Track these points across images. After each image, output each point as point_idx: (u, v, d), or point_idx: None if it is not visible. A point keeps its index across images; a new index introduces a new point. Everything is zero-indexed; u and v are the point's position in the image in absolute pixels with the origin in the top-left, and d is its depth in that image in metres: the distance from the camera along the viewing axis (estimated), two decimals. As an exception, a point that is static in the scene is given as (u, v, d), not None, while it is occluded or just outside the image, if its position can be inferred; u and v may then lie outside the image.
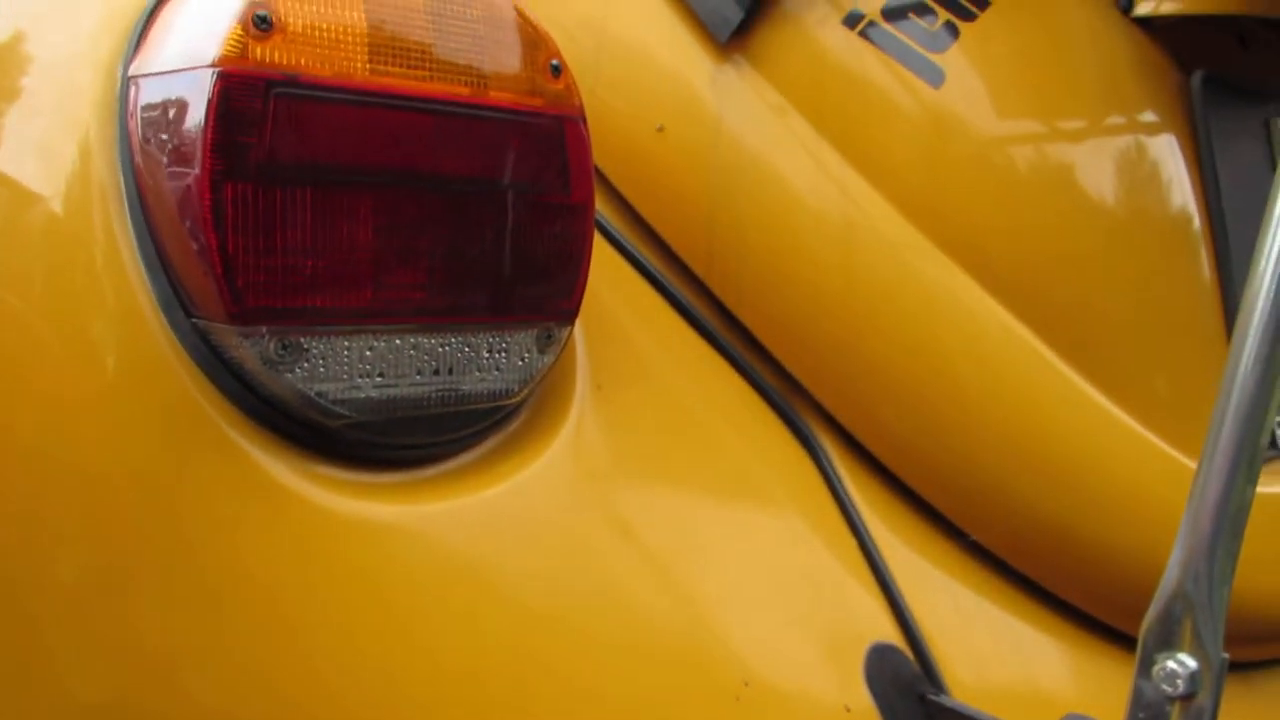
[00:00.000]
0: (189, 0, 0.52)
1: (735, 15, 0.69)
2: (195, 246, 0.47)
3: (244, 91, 0.46)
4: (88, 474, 0.48)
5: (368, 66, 0.49)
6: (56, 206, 0.51)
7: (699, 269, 0.69)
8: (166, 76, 0.49)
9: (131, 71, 0.52)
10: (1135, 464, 0.68)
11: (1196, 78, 0.76)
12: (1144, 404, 0.70)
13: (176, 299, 0.50)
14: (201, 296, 0.48)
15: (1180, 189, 0.75)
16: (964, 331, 0.68)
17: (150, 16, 0.55)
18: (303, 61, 0.47)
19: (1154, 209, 0.74)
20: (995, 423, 0.68)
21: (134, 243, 0.51)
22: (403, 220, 0.50)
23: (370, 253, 0.49)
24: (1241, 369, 0.47)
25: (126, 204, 0.51)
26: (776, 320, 0.69)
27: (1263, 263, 0.48)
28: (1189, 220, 0.75)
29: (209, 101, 0.45)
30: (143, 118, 0.50)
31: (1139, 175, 0.74)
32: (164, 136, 0.48)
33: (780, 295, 0.68)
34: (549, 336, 0.56)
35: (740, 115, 0.69)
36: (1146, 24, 0.76)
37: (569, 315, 0.57)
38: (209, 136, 0.45)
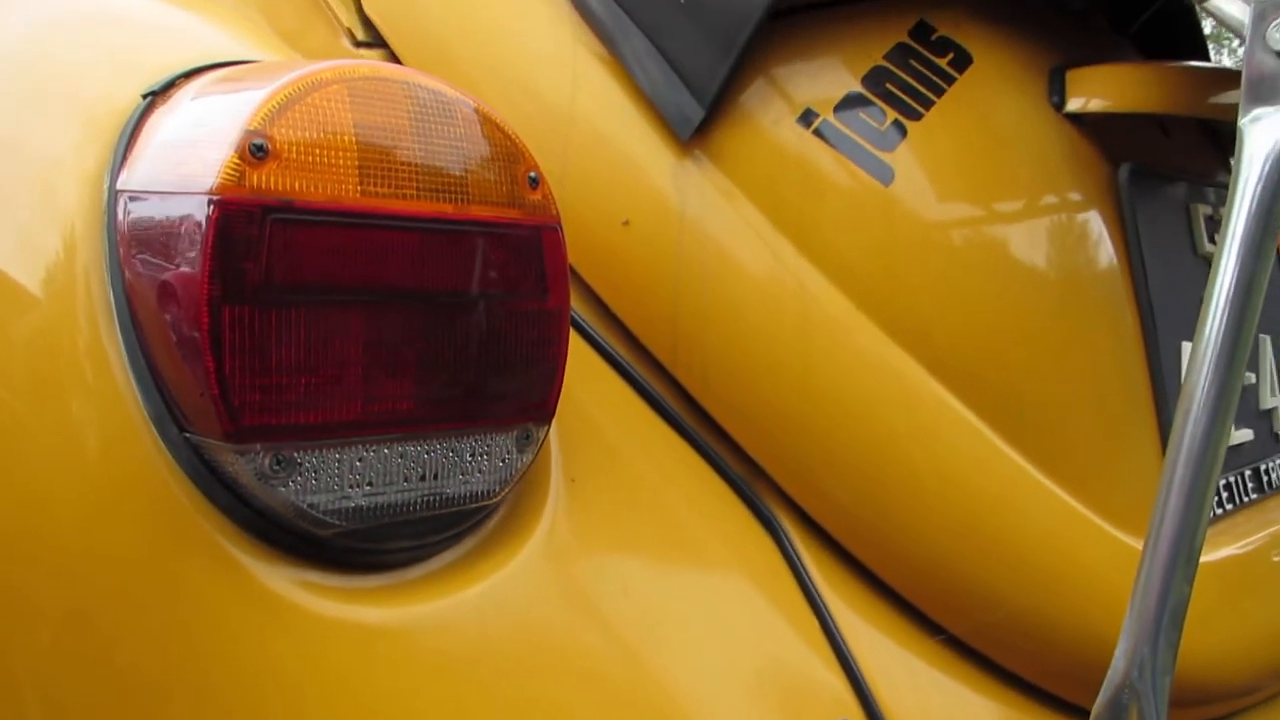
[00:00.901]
0: (178, 117, 0.54)
1: (696, 114, 0.72)
2: (191, 367, 0.48)
3: (241, 219, 0.47)
4: (82, 588, 0.49)
5: (358, 188, 0.50)
6: (43, 320, 0.52)
7: (664, 358, 0.72)
8: (159, 197, 0.50)
9: (120, 185, 0.54)
10: (1074, 540, 0.72)
11: (1124, 169, 0.82)
12: (1081, 483, 0.74)
13: (169, 413, 0.51)
14: (196, 414, 0.49)
15: (1111, 276, 0.80)
16: (913, 416, 0.71)
17: (136, 127, 0.56)
18: (296, 186, 0.49)
19: (1087, 296, 0.79)
20: (942, 503, 0.71)
21: (124, 357, 0.51)
22: (391, 334, 0.52)
23: (361, 367, 0.51)
24: (1178, 476, 0.51)
25: (116, 318, 0.52)
26: (738, 407, 0.71)
27: (1196, 376, 0.52)
28: (1120, 305, 0.80)
29: (208, 229, 0.47)
30: (133, 235, 0.51)
31: (1073, 264, 0.78)
32: (158, 258, 0.49)
33: (741, 383, 0.71)
34: (528, 436, 0.58)
35: (702, 209, 0.72)
36: (1078, 119, 0.81)
37: (547, 415, 0.59)
38: (207, 263, 0.46)
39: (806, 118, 0.73)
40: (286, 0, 0.81)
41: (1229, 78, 0.82)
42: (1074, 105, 0.81)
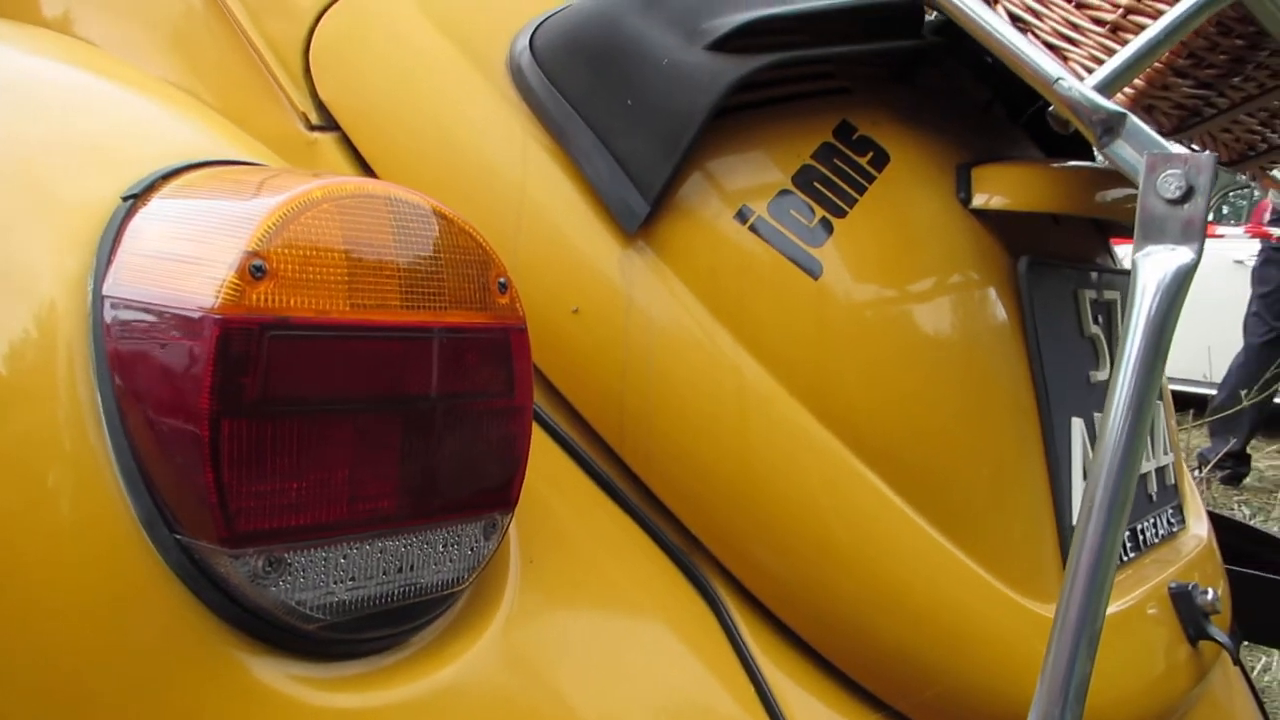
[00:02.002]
0: (166, 228, 0.56)
1: (642, 209, 0.77)
2: (188, 476, 0.50)
3: (241, 337, 0.50)
4: (75, 687, 0.50)
5: (347, 302, 0.54)
6: (29, 423, 0.54)
7: (611, 439, 0.76)
8: (153, 309, 0.52)
9: (106, 291, 0.55)
10: (985, 609, 0.79)
11: (1023, 261, 0.90)
12: (986, 550, 0.81)
13: (159, 516, 0.53)
14: (190, 520, 0.51)
15: (1012, 359, 0.88)
16: (836, 493, 0.77)
17: (118, 231, 0.58)
18: (292, 302, 0.52)
19: (992, 378, 0.86)
20: (862, 574, 0.77)
21: (113, 460, 0.53)
22: (375, 438, 0.55)
23: (347, 470, 0.54)
24: (1081, 569, 0.58)
25: (104, 422, 0.54)
26: (680, 485, 0.76)
27: (1095, 482, 0.59)
28: (1019, 385, 0.88)
29: (209, 348, 0.49)
30: (123, 343, 0.53)
31: (979, 350, 0.86)
32: (152, 369, 0.52)
33: (683, 464, 0.76)
34: (494, 525, 0.62)
35: (647, 299, 0.76)
36: (981, 214, 0.89)
37: (511, 504, 0.63)
38: (209, 380, 0.49)
39: (743, 214, 0.79)
40: (241, 83, 0.83)
41: (1115, 177, 0.91)
42: (978, 202, 0.89)
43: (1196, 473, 3.67)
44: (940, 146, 0.90)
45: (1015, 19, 0.81)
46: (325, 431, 0.53)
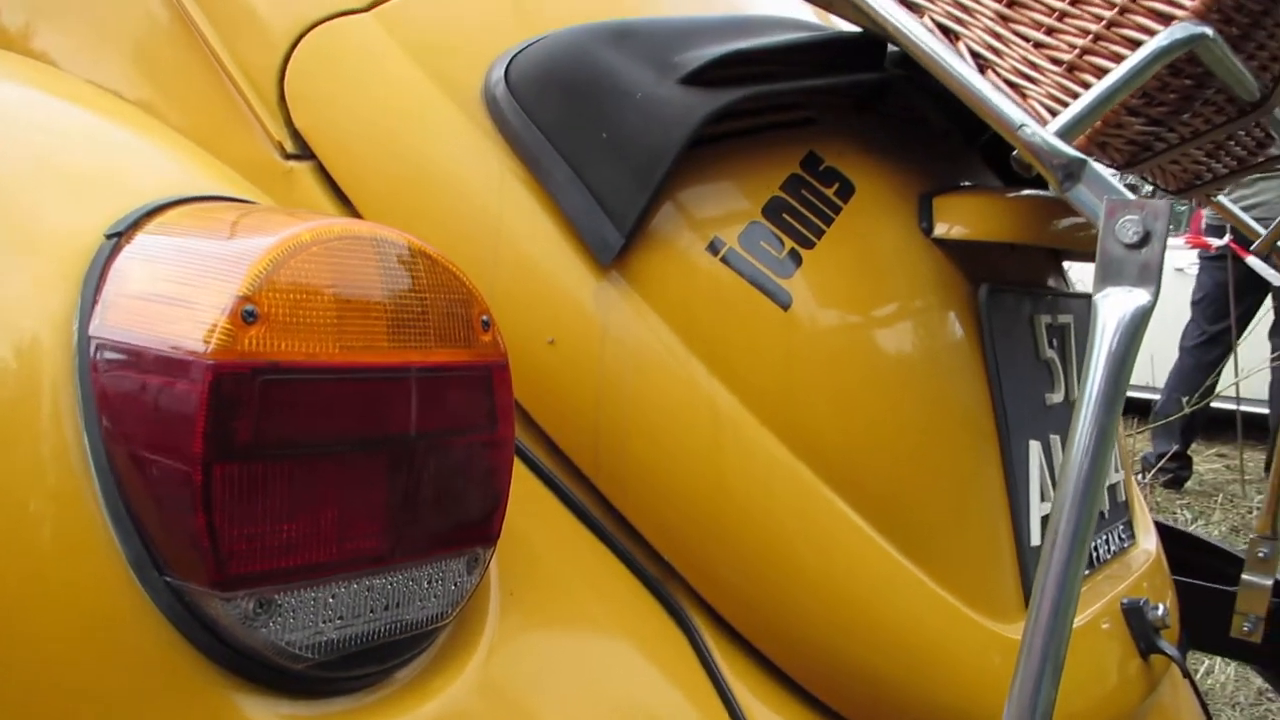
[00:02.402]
0: (154, 270, 0.56)
1: (617, 241, 0.78)
2: (180, 520, 0.51)
3: (234, 381, 0.50)
4: (63, 733, 0.51)
5: (337, 344, 0.54)
6: (15, 465, 0.54)
7: (586, 468, 0.78)
8: (143, 352, 0.53)
9: (93, 332, 0.56)
10: (947, 630, 0.81)
11: (983, 289, 0.92)
12: (953, 576, 0.84)
13: (149, 558, 0.53)
14: (180, 562, 0.52)
15: (973, 384, 0.90)
16: (805, 520, 0.79)
17: (103, 270, 0.58)
18: (282, 346, 0.52)
19: (954, 403, 0.89)
20: (831, 599, 0.79)
21: (101, 502, 0.54)
22: (363, 478, 0.56)
23: (336, 510, 0.55)
24: (1045, 599, 0.60)
25: (92, 464, 0.54)
26: (655, 513, 0.78)
27: (1058, 514, 0.61)
28: (980, 409, 0.91)
29: (202, 392, 0.50)
30: (111, 386, 0.54)
31: (942, 376, 0.88)
32: (142, 412, 0.52)
33: (657, 492, 0.77)
34: (476, 559, 0.63)
35: (622, 330, 0.78)
36: (943, 243, 0.91)
37: (493, 538, 0.64)
38: (202, 425, 0.50)
39: (714, 246, 0.81)
40: (216, 111, 0.83)
41: (1070, 208, 0.94)
42: (940, 231, 0.91)
43: (1140, 477, 3.76)
44: (903, 176, 0.93)
45: (977, 56, 0.83)
46: (315, 473, 0.53)
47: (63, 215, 0.61)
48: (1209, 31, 0.69)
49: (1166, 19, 0.75)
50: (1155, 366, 4.17)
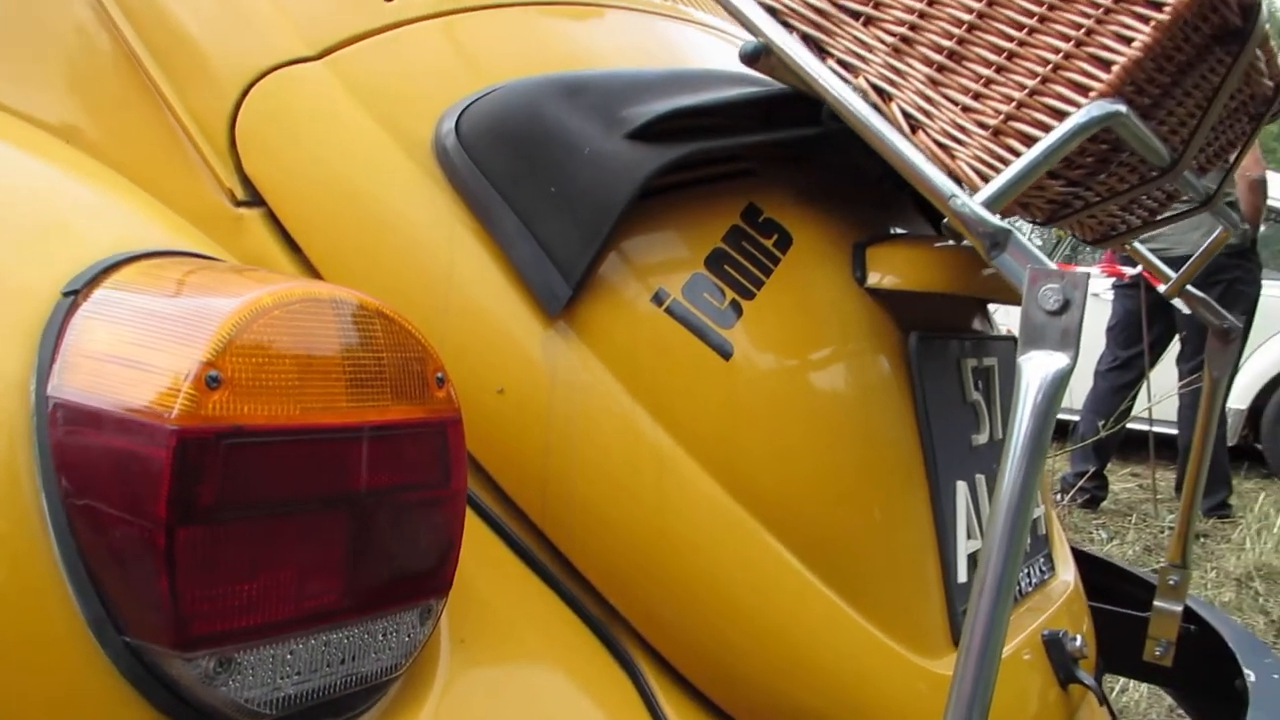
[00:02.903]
0: (116, 332, 0.57)
1: (565, 293, 0.80)
2: (142, 582, 0.51)
3: (198, 446, 0.52)
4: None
5: (297, 407, 0.56)
6: (-28, 525, 0.54)
7: (534, 514, 0.79)
8: (106, 416, 0.53)
9: (51, 392, 0.56)
10: (880, 668, 0.85)
11: (913, 336, 0.96)
12: (886, 616, 0.87)
13: (108, 619, 0.54)
14: (142, 623, 0.53)
15: (904, 428, 0.94)
16: (747, 565, 0.82)
17: (60, 329, 0.58)
18: (245, 410, 0.54)
19: (886, 447, 0.92)
20: (770, 641, 0.82)
21: (60, 564, 0.54)
22: (322, 536, 0.57)
23: (296, 569, 0.56)
24: (975, 639, 0.64)
25: (51, 526, 0.54)
26: (601, 559, 0.80)
27: (985, 564, 0.65)
28: (911, 452, 0.95)
29: (167, 458, 0.51)
30: (71, 448, 0.54)
31: (875, 421, 0.92)
32: (103, 475, 0.53)
33: (603, 539, 0.79)
34: (429, 610, 0.65)
35: (569, 379, 0.80)
36: (876, 292, 0.95)
37: (446, 588, 0.65)
38: (166, 490, 0.51)
39: (659, 297, 0.83)
40: (168, 159, 0.83)
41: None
42: (872, 280, 0.95)
43: (1060, 498, 3.88)
44: (838, 225, 0.97)
45: (909, 116, 0.88)
46: (276, 532, 0.55)
47: (16, 271, 0.62)
48: (1123, 109, 0.74)
49: (1085, 90, 0.80)
50: (1073, 390, 4.30)
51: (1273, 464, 5.40)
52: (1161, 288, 1.36)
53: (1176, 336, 4.19)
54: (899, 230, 1.05)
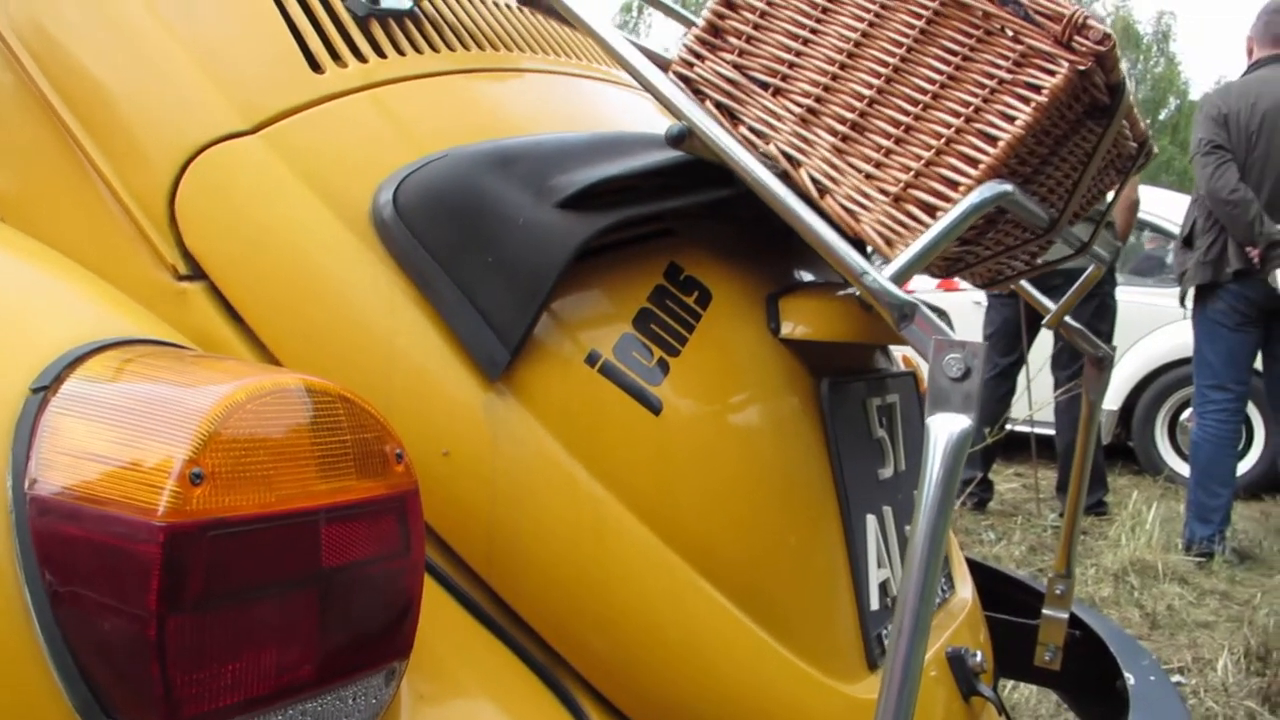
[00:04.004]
0: (91, 429, 0.59)
1: (503, 358, 0.85)
2: (132, 670, 0.54)
3: (185, 541, 0.55)
4: None
5: (273, 494, 0.59)
6: (-43, 620, 0.56)
7: (480, 569, 0.84)
8: (90, 514, 0.56)
9: (29, 489, 0.58)
10: (804, 696, 0.92)
11: (824, 383, 1.04)
12: (808, 645, 0.94)
13: (97, 704, 0.56)
14: (130, 708, 0.55)
15: (818, 468, 1.02)
16: (678, 606, 0.88)
17: (33, 425, 0.61)
18: (226, 501, 0.57)
19: (803, 486, 0.99)
20: (699, 676, 0.88)
21: (46, 653, 0.56)
22: (297, 613, 0.61)
23: (275, 646, 0.59)
24: (894, 681, 0.71)
25: (36, 618, 0.57)
26: (544, 607, 0.85)
27: (903, 602, 0.72)
28: (825, 489, 1.02)
29: (156, 554, 0.54)
30: (54, 544, 0.57)
31: (792, 463, 0.99)
32: (89, 570, 0.56)
33: (546, 589, 0.84)
34: (393, 672, 0.69)
35: (510, 439, 0.85)
36: (790, 342, 1.02)
37: (408, 651, 0.69)
38: (156, 584, 0.54)
39: (591, 358, 0.89)
40: (109, 236, 0.85)
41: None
42: (785, 331, 1.02)
43: (949, 501, 4.04)
44: (753, 278, 1.03)
45: (816, 182, 0.95)
46: (256, 614, 0.58)
47: (-19, 364, 0.63)
48: (1010, 189, 0.83)
49: (975, 162, 0.88)
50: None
51: (1143, 461, 5.73)
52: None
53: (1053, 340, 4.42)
54: (811, 278, 1.12)
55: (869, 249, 0.93)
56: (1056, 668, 1.46)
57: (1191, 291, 3.76)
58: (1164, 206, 5.70)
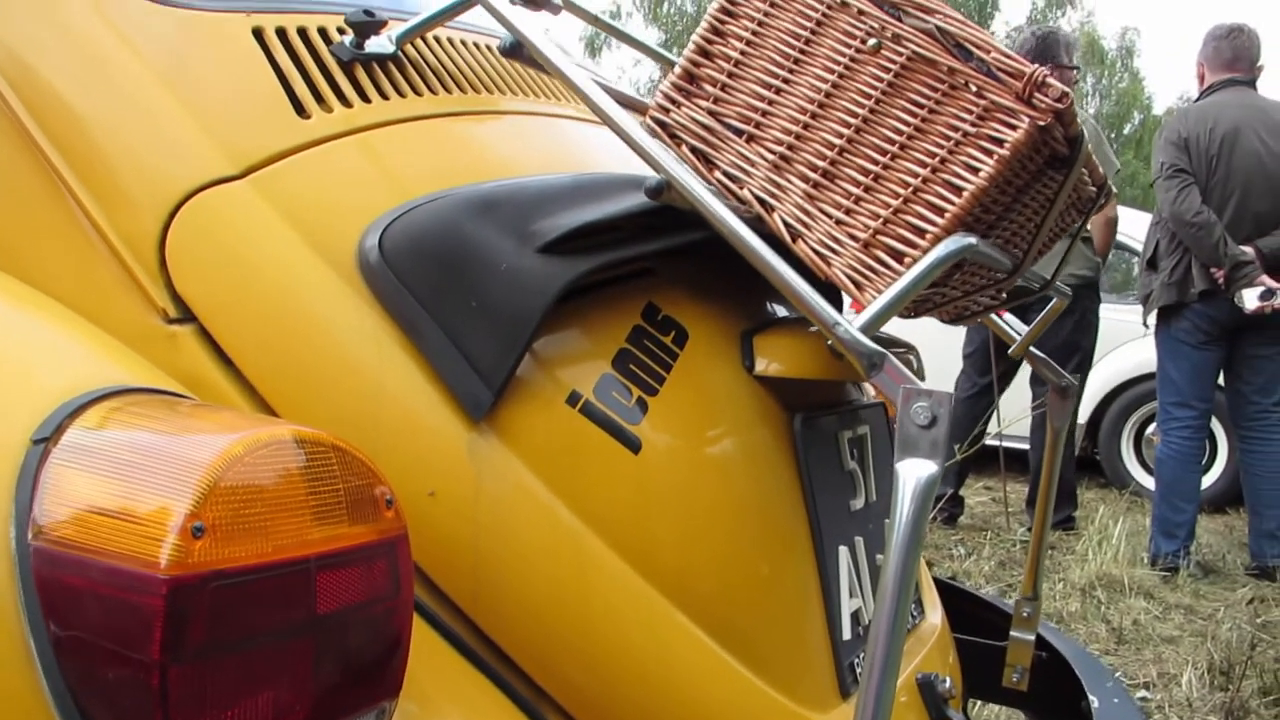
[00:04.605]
0: (93, 482, 0.62)
1: (487, 399, 0.87)
2: (136, 718, 0.56)
3: (187, 593, 0.57)
4: None
5: (270, 544, 0.62)
6: (-38, 670, 0.58)
7: (465, 605, 0.86)
8: (94, 566, 0.58)
9: (32, 540, 0.60)
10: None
11: (798, 419, 1.07)
12: (783, 676, 0.97)
13: (99, 750, 0.58)
14: (134, 753, 0.58)
15: (792, 501, 1.05)
16: (656, 638, 0.91)
17: (35, 476, 0.63)
18: (227, 553, 0.59)
19: (777, 520, 1.03)
20: (677, 707, 0.91)
21: (50, 701, 0.58)
22: (293, 659, 0.63)
23: (271, 691, 0.61)
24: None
25: (40, 665, 0.59)
26: (527, 642, 0.87)
27: (874, 639, 0.75)
28: (799, 523, 1.05)
29: (159, 605, 0.56)
30: (59, 595, 0.59)
31: (767, 498, 1.02)
32: (96, 621, 0.58)
33: (529, 624, 0.87)
34: (383, 711, 0.71)
35: (494, 479, 0.87)
36: (764, 379, 1.05)
37: (398, 690, 0.72)
38: (159, 634, 0.56)
39: (573, 398, 0.91)
40: (100, 280, 0.87)
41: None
42: (760, 368, 1.06)
43: (920, 517, 4.09)
44: (729, 316, 1.07)
45: (789, 227, 0.98)
46: (254, 660, 0.60)
47: (-18, 416, 0.65)
48: (974, 242, 0.86)
49: (941, 211, 0.92)
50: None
51: (1110, 474, 5.82)
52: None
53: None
54: (784, 313, 1.16)
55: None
56: (1024, 688, 1.49)
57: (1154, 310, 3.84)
58: (1127, 224, 5.81)
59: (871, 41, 0.95)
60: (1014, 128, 0.89)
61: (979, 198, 0.91)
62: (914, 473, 0.76)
